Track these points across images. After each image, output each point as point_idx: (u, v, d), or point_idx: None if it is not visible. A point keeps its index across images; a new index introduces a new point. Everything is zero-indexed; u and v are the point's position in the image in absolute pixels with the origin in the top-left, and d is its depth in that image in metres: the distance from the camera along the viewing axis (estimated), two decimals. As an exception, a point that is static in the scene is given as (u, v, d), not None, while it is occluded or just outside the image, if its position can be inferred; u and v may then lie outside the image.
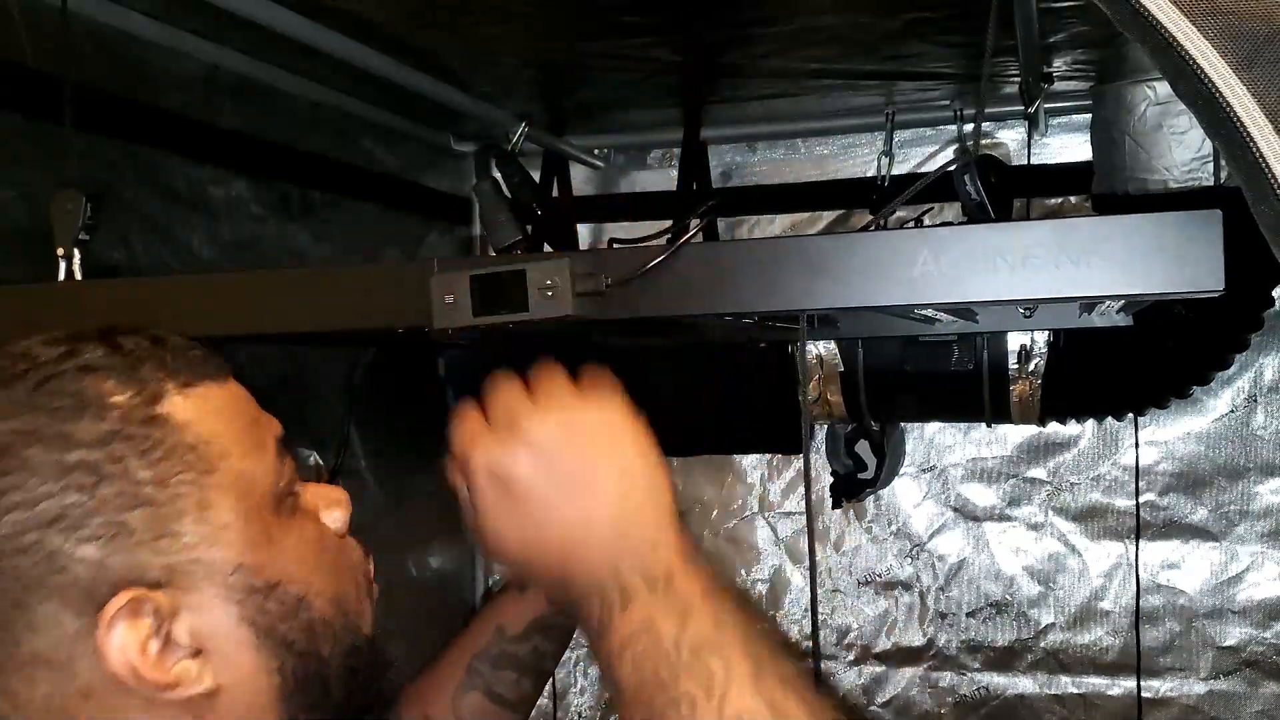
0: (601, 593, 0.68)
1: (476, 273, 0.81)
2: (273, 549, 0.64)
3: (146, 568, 0.58)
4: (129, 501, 0.58)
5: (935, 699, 2.09)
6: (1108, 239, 0.69)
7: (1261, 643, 1.91)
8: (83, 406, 0.59)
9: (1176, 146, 1.48)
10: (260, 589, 0.62)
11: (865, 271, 0.74)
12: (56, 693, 0.57)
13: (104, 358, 0.62)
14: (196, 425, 0.63)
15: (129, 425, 0.60)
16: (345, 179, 1.80)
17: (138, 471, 0.59)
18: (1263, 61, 0.47)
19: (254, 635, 0.62)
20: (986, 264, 0.70)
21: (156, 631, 0.58)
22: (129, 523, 0.58)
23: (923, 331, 1.52)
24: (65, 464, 0.58)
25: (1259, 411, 1.89)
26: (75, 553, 0.57)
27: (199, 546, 0.60)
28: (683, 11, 1.34)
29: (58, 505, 0.57)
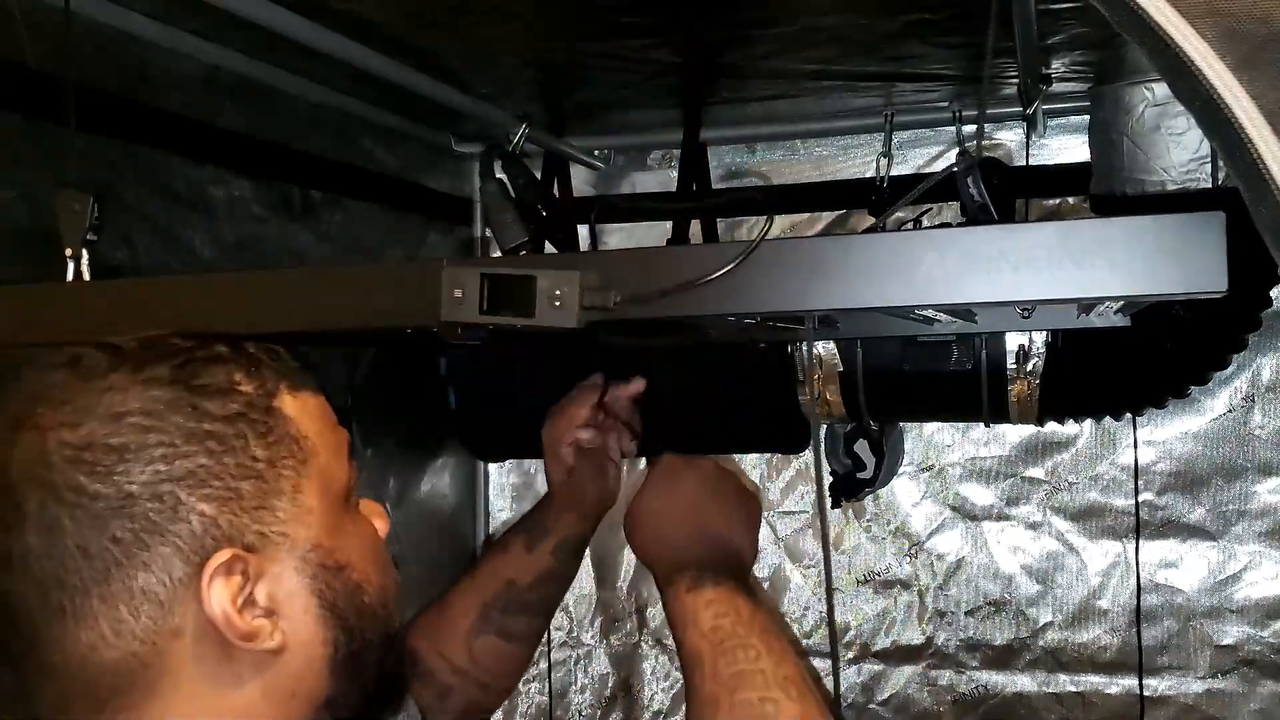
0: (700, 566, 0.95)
1: (487, 272, 0.82)
2: (342, 537, 0.74)
3: (245, 531, 0.68)
4: (245, 472, 0.69)
5: (934, 697, 2.10)
6: (1111, 241, 0.69)
7: (1259, 642, 1.92)
8: (217, 389, 0.70)
9: (1174, 148, 1.48)
10: (329, 568, 0.72)
11: (872, 272, 0.75)
12: (153, 626, 0.66)
13: (230, 353, 0.73)
14: (299, 422, 0.74)
15: (252, 411, 0.71)
16: (346, 179, 1.81)
17: (255, 449, 0.70)
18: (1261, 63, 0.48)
19: (319, 606, 0.72)
20: (990, 265, 0.71)
21: (241, 589, 0.67)
22: (241, 490, 0.68)
23: (922, 332, 1.53)
24: (201, 431, 0.67)
25: (1257, 411, 1.90)
26: (196, 507, 0.66)
27: (288, 523, 0.71)
28: (683, 12, 1.35)
29: (191, 464, 0.66)
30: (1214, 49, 0.47)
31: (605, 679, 2.27)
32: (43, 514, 0.64)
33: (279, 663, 0.70)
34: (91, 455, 0.65)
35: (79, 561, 0.65)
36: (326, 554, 0.73)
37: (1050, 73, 1.57)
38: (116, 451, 0.65)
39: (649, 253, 0.87)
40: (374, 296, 0.90)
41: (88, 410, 0.66)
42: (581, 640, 2.28)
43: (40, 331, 1.01)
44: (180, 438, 0.67)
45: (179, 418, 0.67)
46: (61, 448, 0.65)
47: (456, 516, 2.20)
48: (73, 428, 0.65)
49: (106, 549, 0.65)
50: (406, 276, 0.88)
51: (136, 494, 0.65)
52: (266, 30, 1.26)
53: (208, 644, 0.67)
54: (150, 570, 0.66)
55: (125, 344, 0.72)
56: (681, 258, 0.81)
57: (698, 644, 0.89)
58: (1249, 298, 1.56)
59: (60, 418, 0.66)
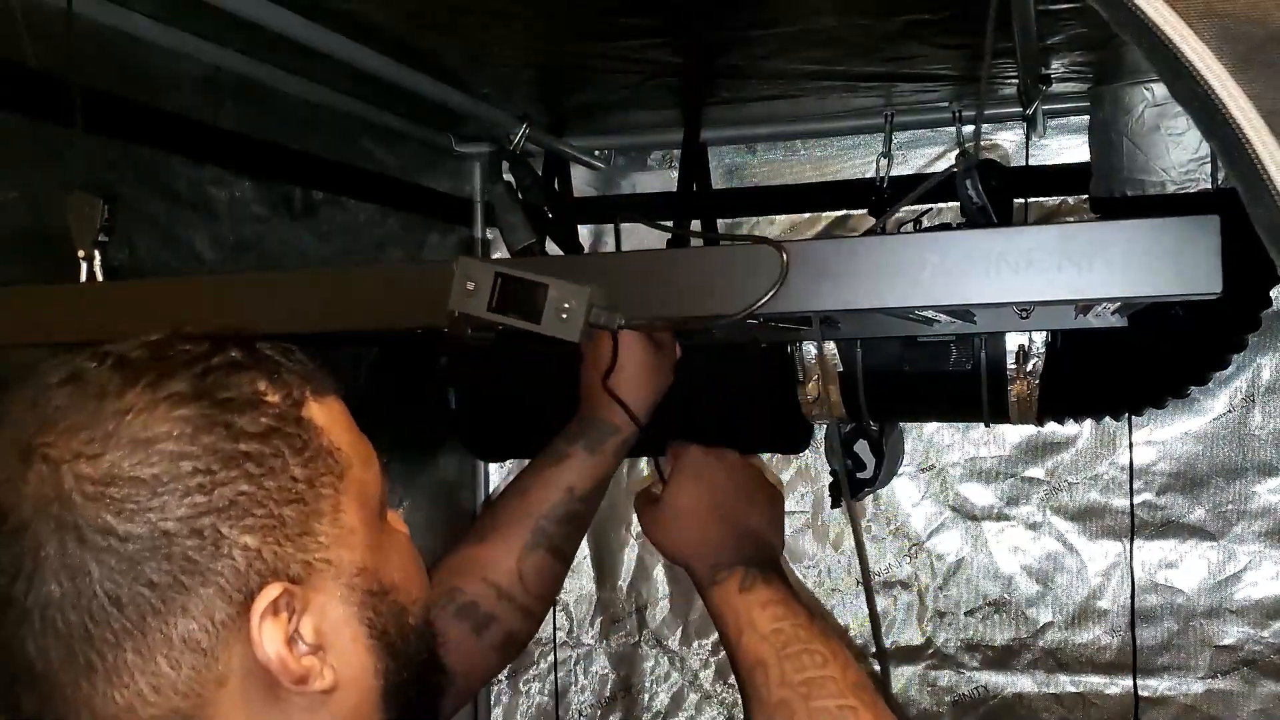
0: (748, 564, 0.95)
1: (502, 271, 0.83)
2: (383, 556, 0.67)
3: (291, 562, 0.61)
4: (286, 495, 0.61)
5: (934, 698, 2.10)
6: (1109, 243, 0.70)
7: (1259, 642, 1.92)
8: (245, 401, 0.62)
9: (1174, 148, 1.48)
10: (375, 592, 0.65)
11: (876, 274, 0.76)
12: (196, 677, 0.58)
13: (247, 358, 0.65)
14: (329, 432, 0.66)
15: (284, 424, 0.63)
16: (346, 180, 1.81)
17: (294, 468, 0.62)
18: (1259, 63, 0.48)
19: (367, 635, 0.65)
20: (991, 268, 0.72)
21: (290, 624, 0.61)
22: (284, 516, 0.61)
23: (921, 332, 1.53)
24: (238, 453, 0.59)
25: (1256, 411, 1.90)
26: (239, 540, 0.59)
27: (332, 547, 0.63)
28: (683, 13, 1.35)
29: (231, 492, 0.59)
30: (1211, 49, 0.48)
31: (605, 679, 2.27)
32: (64, 560, 0.56)
33: (331, 702, 0.63)
34: (119, 491, 0.57)
35: (109, 611, 0.57)
36: (371, 577, 0.66)
37: (1050, 73, 1.57)
38: (148, 485, 0.57)
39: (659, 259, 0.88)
40: (387, 294, 0.91)
41: (107, 438, 0.58)
42: (582, 640, 2.28)
43: (54, 332, 1.02)
44: (217, 463, 0.59)
45: (211, 439, 0.59)
46: (81, 483, 0.57)
47: (456, 517, 2.20)
48: (92, 460, 0.57)
49: (140, 595, 0.57)
50: (417, 274, 0.89)
51: (173, 531, 0.57)
52: (267, 31, 1.26)
53: (255, 689, 0.60)
54: (191, 615, 0.58)
55: (130, 353, 0.63)
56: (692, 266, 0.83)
57: (759, 648, 0.88)
58: (1248, 298, 1.56)
59: (75, 447, 0.57)
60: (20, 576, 0.56)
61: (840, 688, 0.84)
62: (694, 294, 0.83)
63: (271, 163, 1.63)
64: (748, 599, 0.92)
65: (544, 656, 2.30)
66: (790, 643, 0.87)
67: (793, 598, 0.92)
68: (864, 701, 0.83)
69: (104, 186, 1.02)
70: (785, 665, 0.85)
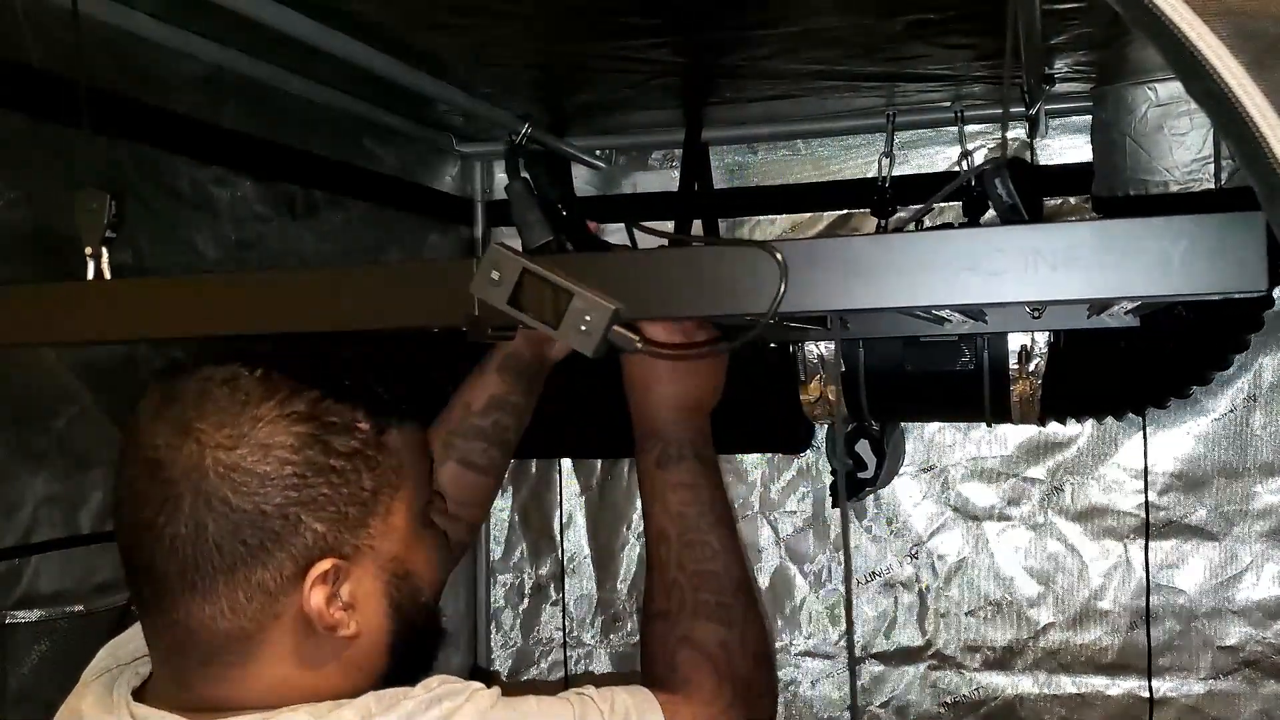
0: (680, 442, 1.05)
1: (529, 267, 0.83)
2: (415, 550, 0.88)
3: (345, 544, 0.81)
4: (354, 499, 0.82)
5: (935, 699, 2.10)
6: (1148, 240, 0.70)
7: (1261, 642, 1.92)
8: (343, 426, 0.82)
9: (1177, 148, 1.48)
10: (401, 575, 0.86)
11: (907, 272, 0.75)
12: (261, 610, 0.80)
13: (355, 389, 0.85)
14: (400, 454, 0.86)
15: (368, 447, 0.83)
16: (348, 179, 1.81)
17: (365, 480, 0.82)
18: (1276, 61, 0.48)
19: (388, 605, 0.85)
20: (1029, 264, 0.71)
21: (334, 586, 0.81)
22: (349, 513, 0.81)
23: (934, 331, 1.53)
24: (327, 466, 0.80)
25: (1258, 412, 1.90)
26: (312, 525, 0.80)
27: (378, 538, 0.83)
28: (684, 13, 1.35)
29: (314, 492, 0.80)
30: (1228, 47, 0.47)
31: (606, 678, 2.27)
32: (194, 512, 0.78)
33: (353, 645, 0.83)
34: (240, 476, 0.78)
35: (214, 554, 0.78)
36: (400, 564, 0.86)
37: (1053, 73, 1.57)
38: (260, 477, 0.78)
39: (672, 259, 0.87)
40: (404, 292, 0.94)
41: (242, 437, 0.79)
42: (582, 640, 2.28)
43: (61, 330, 1.03)
44: (311, 470, 0.79)
45: (311, 452, 0.80)
46: (216, 464, 0.78)
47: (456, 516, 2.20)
48: (228, 449, 0.78)
49: (237, 549, 0.78)
50: (438, 271, 0.91)
51: (269, 512, 0.78)
52: (269, 30, 1.26)
53: (299, 627, 0.81)
54: (267, 569, 0.79)
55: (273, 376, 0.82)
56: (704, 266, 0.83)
57: (665, 525, 1.03)
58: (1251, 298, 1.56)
59: (219, 437, 0.78)
60: (163, 511, 0.78)
61: (723, 583, 0.99)
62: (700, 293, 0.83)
63: (273, 162, 1.63)
64: (663, 476, 1.05)
65: (545, 656, 2.30)
66: (689, 530, 1.02)
67: (701, 482, 1.04)
68: (739, 601, 0.99)
69: (114, 186, 1.02)
70: (683, 552, 1.01)
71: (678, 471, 1.05)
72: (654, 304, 0.85)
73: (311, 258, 1.70)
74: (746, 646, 0.97)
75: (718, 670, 0.95)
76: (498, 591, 2.33)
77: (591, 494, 2.28)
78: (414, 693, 0.81)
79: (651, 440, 1.07)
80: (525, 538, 2.32)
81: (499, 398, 1.25)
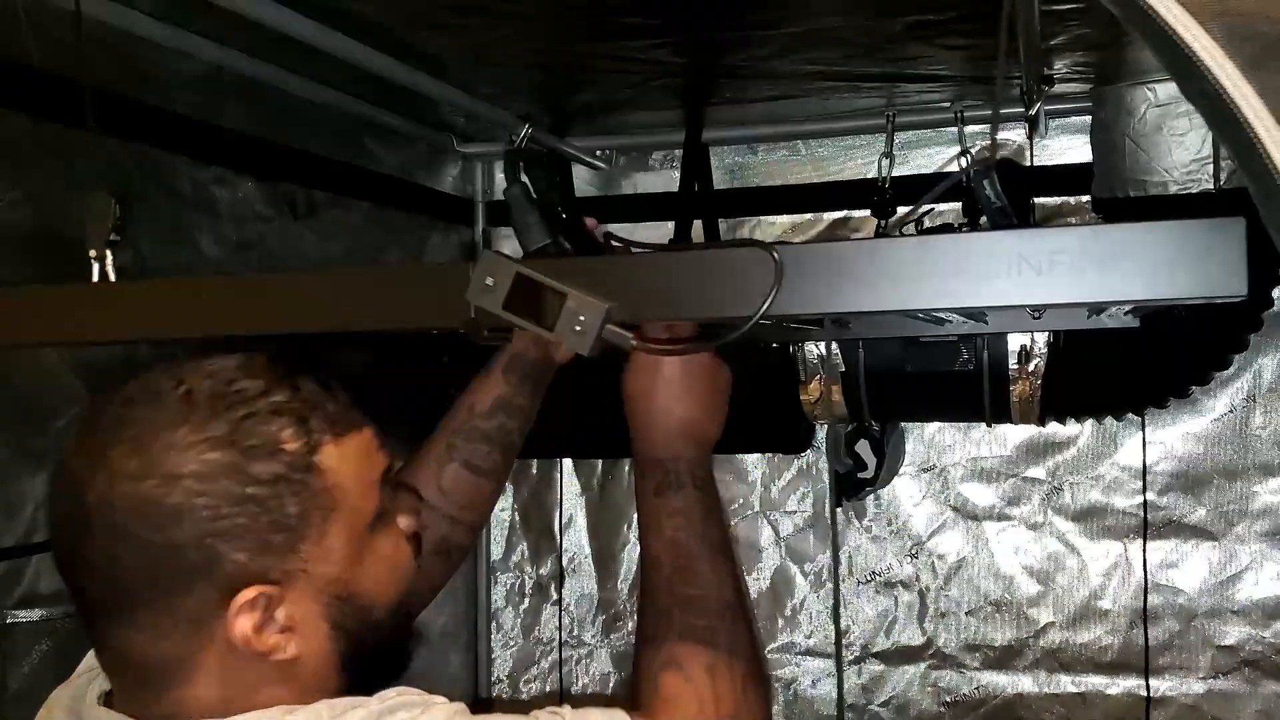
0: (667, 469, 1.02)
1: (523, 271, 0.84)
2: (359, 568, 0.83)
3: (272, 570, 0.77)
4: (277, 526, 0.77)
5: (935, 698, 2.10)
6: (1133, 246, 0.70)
7: (1260, 642, 1.92)
8: (265, 450, 0.77)
9: (1176, 149, 1.49)
10: (342, 596, 0.82)
11: (900, 276, 0.76)
12: (190, 636, 0.77)
13: (288, 402, 0.80)
14: (336, 472, 0.81)
15: (293, 471, 0.78)
16: (349, 180, 1.81)
17: (290, 507, 0.78)
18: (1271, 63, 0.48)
19: (330, 628, 0.81)
20: (1015, 269, 0.72)
21: (265, 613, 0.77)
22: (272, 541, 0.77)
23: (933, 332, 1.53)
24: (244, 496, 0.76)
25: (1257, 412, 1.90)
26: (231, 556, 0.76)
27: (310, 562, 0.79)
28: (685, 14, 1.35)
29: (231, 523, 0.76)
30: (1224, 49, 0.48)
31: (607, 678, 2.27)
32: (107, 545, 0.76)
33: (296, 666, 0.80)
34: (149, 509, 0.75)
35: (132, 585, 0.76)
36: (341, 585, 0.82)
37: (1053, 73, 1.57)
38: (170, 510, 0.75)
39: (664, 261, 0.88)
40: (403, 294, 0.93)
41: (151, 465, 0.75)
42: (583, 640, 2.28)
43: (66, 332, 1.03)
44: (226, 502, 0.76)
45: (227, 482, 0.76)
46: (124, 497, 0.75)
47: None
48: (136, 481, 0.75)
49: (155, 580, 0.76)
50: (434, 275, 0.91)
51: (183, 545, 0.75)
52: (271, 31, 1.26)
53: (235, 651, 0.77)
54: (190, 598, 0.76)
55: (199, 385, 0.79)
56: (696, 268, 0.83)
57: (659, 551, 1.00)
58: (1251, 298, 1.56)
59: (130, 467, 0.75)
60: (81, 539, 0.77)
61: (712, 607, 0.97)
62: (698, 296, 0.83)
63: (274, 163, 1.63)
64: (659, 503, 1.02)
65: (545, 655, 2.30)
66: (682, 556, 0.99)
67: (697, 509, 1.02)
68: (729, 625, 0.96)
69: (115, 187, 1.02)
70: (674, 577, 0.98)
71: (676, 499, 1.02)
72: (649, 305, 0.85)
73: (312, 258, 1.70)
74: (735, 670, 0.95)
75: (701, 693, 0.93)
76: (498, 591, 2.33)
77: (592, 494, 2.28)
78: (368, 702, 0.78)
79: (651, 466, 1.05)
80: (525, 538, 2.32)
81: (504, 399, 1.23)
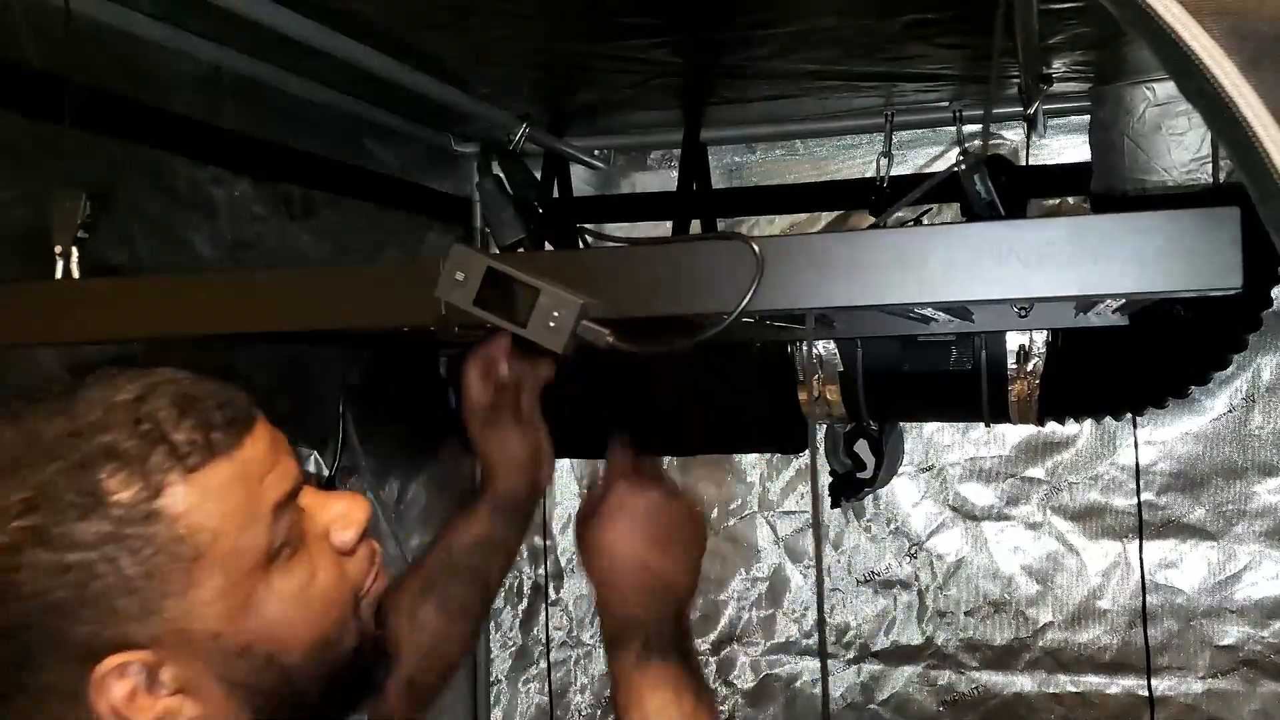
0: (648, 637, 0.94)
1: (493, 265, 0.81)
2: (252, 614, 0.70)
3: (133, 636, 0.66)
4: (118, 593, 0.65)
5: (934, 698, 2.10)
6: (1124, 236, 0.68)
7: (1259, 641, 1.92)
8: (88, 507, 0.65)
9: (1175, 148, 1.48)
10: (233, 652, 0.69)
11: (879, 269, 0.74)
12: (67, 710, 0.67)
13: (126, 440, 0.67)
14: (191, 515, 0.68)
15: (126, 526, 0.66)
16: (346, 179, 1.81)
17: (128, 569, 0.65)
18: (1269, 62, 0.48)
19: (227, 688, 0.70)
20: (1001, 261, 0.70)
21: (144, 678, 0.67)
22: (117, 607, 0.65)
23: (918, 331, 1.53)
24: (64, 564, 0.64)
25: (1257, 411, 1.90)
26: (71, 630, 0.65)
27: (180, 620, 0.67)
28: (683, 13, 1.35)
29: (53, 598, 0.64)
30: (1222, 47, 0.48)
31: (605, 679, 2.27)
32: None
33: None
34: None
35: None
36: (229, 639, 0.69)
37: (1051, 72, 1.57)
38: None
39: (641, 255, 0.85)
40: (373, 292, 0.89)
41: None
42: (581, 640, 2.28)
43: (27, 331, 1.00)
44: (41, 574, 0.64)
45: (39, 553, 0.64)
46: None
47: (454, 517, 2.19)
48: None
49: (9, 656, 0.67)
50: (406, 272, 0.87)
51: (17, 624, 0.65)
52: (268, 30, 1.26)
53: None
54: (52, 672, 0.66)
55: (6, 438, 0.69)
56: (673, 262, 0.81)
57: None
58: (1250, 297, 1.56)
59: None
60: None
61: None
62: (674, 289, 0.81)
63: (271, 162, 1.63)
64: (640, 677, 0.94)
65: (543, 656, 2.30)
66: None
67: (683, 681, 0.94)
68: None
69: (100, 184, 1.01)
70: None
71: (660, 672, 0.94)
72: (626, 301, 0.82)
73: (310, 258, 1.69)
74: None
75: None
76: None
77: (591, 494, 2.28)
78: None
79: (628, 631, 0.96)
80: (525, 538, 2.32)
81: (485, 537, 1.19)
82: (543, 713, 2.30)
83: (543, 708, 2.30)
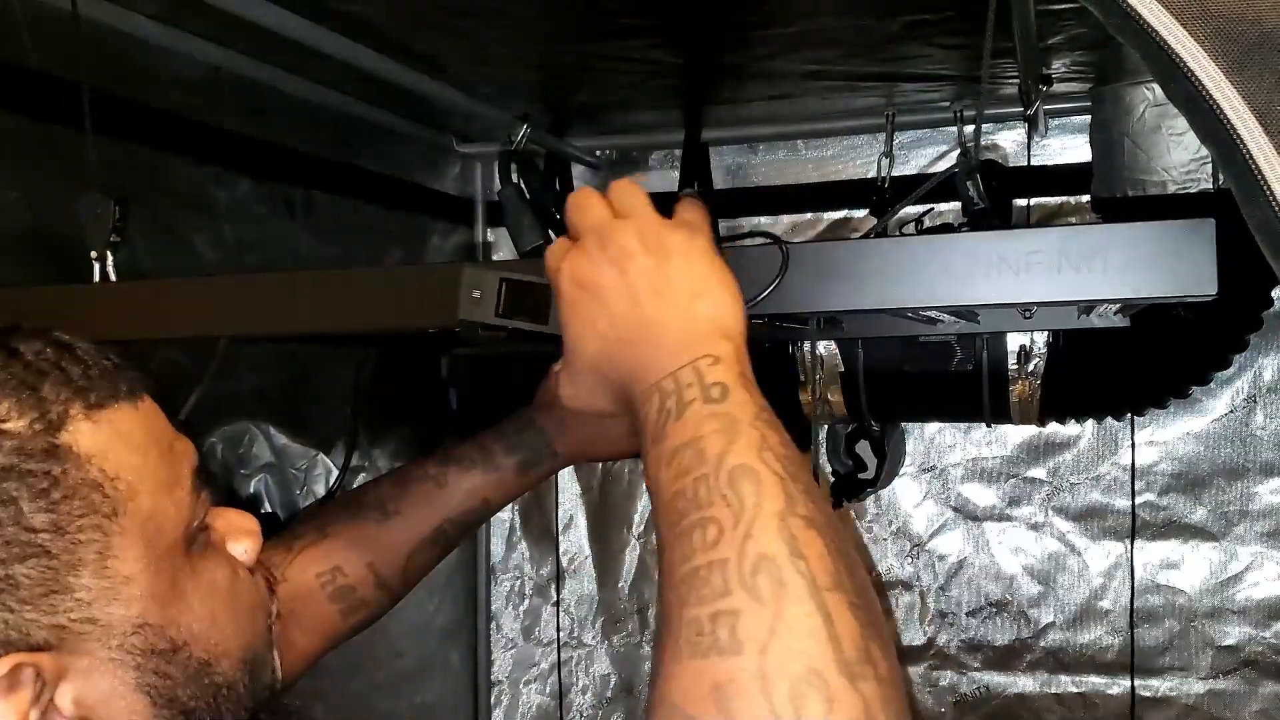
0: (661, 398, 0.64)
1: (507, 276, 0.83)
2: (180, 604, 0.58)
3: (33, 628, 0.52)
4: (20, 552, 0.52)
5: (935, 698, 2.10)
6: (1108, 246, 0.72)
7: (1261, 642, 1.92)
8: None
9: (1175, 148, 1.48)
10: (162, 651, 0.56)
11: (881, 276, 0.78)
12: None
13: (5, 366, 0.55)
14: (103, 458, 0.55)
15: (25, 460, 0.52)
16: (348, 180, 1.81)
17: (32, 516, 0.52)
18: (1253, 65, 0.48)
19: (150, 704, 0.56)
20: (994, 270, 0.74)
21: (36, 699, 0.52)
22: (17, 577, 0.51)
23: (924, 332, 1.53)
24: None
25: (1258, 412, 1.89)
26: None
27: (96, 603, 0.54)
28: (683, 13, 1.35)
29: None
30: (1206, 50, 0.48)
31: (607, 679, 2.27)
32: None
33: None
34: None
35: None
36: (157, 633, 0.56)
37: (1051, 73, 1.57)
38: None
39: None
40: (395, 298, 0.92)
41: None
42: (583, 640, 2.28)
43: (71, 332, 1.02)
44: None
45: None
46: None
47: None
48: None
49: None
50: (427, 278, 0.89)
51: None
52: (269, 32, 1.26)
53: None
54: None
55: None
56: None
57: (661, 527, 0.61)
58: (1250, 297, 1.56)
59: None
60: None
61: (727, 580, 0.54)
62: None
63: (272, 163, 1.63)
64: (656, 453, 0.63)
65: (545, 656, 2.30)
66: (687, 511, 0.59)
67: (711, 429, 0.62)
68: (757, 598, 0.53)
69: (115, 188, 1.03)
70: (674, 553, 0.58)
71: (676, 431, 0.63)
72: None
73: (310, 258, 1.70)
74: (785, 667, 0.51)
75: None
76: (498, 592, 2.33)
77: (592, 494, 2.28)
78: None
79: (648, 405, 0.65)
80: (525, 538, 2.32)
81: (520, 494, 1.10)
82: (543, 713, 2.30)
83: (543, 708, 2.30)
